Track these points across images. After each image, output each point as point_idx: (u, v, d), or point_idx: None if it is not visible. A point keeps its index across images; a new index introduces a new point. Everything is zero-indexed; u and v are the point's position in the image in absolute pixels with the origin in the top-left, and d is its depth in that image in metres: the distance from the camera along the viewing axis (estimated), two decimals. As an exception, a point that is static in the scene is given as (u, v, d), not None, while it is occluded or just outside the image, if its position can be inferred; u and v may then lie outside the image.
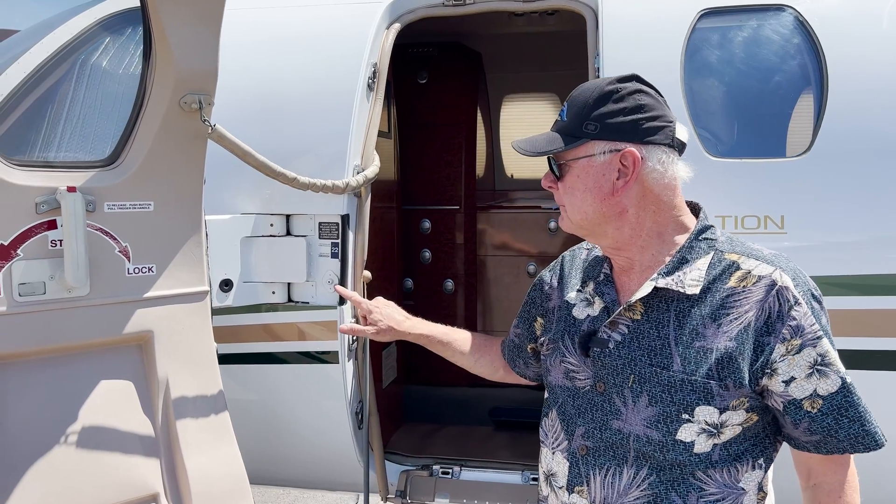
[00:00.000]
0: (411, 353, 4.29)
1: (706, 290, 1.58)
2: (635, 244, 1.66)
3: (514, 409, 3.82)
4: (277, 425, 3.02)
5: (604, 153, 1.60)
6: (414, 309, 4.28)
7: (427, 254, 4.40)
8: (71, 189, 2.00)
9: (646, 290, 1.60)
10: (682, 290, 1.58)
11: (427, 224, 4.39)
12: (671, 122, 1.61)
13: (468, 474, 3.08)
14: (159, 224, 2.20)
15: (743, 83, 2.70)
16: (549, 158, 1.67)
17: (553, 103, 4.97)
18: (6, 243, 1.95)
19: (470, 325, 4.42)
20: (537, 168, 5.12)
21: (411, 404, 4.04)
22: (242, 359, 2.92)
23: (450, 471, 3.08)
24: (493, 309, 4.48)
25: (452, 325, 4.36)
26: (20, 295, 1.98)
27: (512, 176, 5.16)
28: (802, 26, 2.62)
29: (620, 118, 1.59)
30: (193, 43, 2.06)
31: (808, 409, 1.53)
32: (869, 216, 2.51)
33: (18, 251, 1.97)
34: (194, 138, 2.19)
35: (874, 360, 2.49)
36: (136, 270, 2.18)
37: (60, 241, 2.03)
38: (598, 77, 2.69)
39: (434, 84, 4.33)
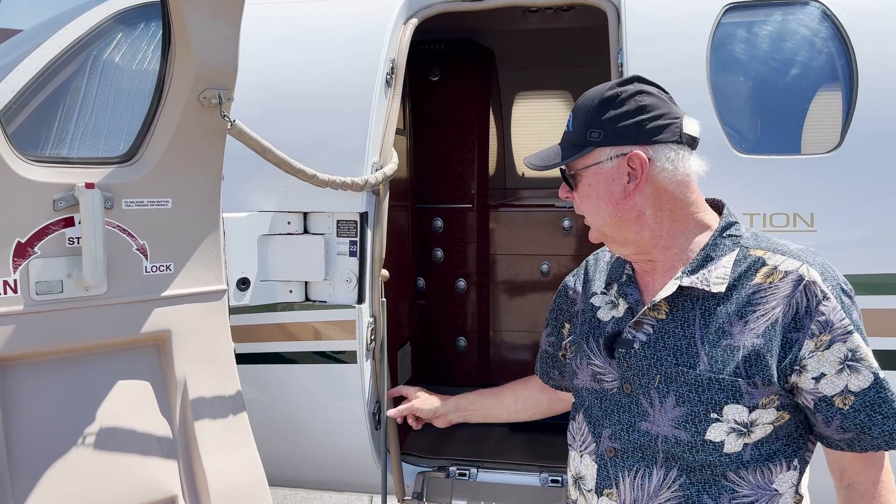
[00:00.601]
0: (424, 353, 4.26)
1: (732, 287, 1.56)
2: (657, 245, 1.64)
3: (530, 409, 3.77)
4: (292, 426, 2.98)
5: (611, 159, 1.60)
6: (426, 308, 4.28)
7: (439, 253, 4.37)
8: (89, 185, 1.96)
9: (670, 289, 1.58)
10: (707, 289, 1.56)
11: (439, 223, 4.36)
12: (677, 118, 1.61)
13: (485, 475, 3.04)
14: (177, 221, 2.17)
15: (770, 79, 2.66)
16: (561, 170, 1.68)
17: (565, 100, 4.93)
18: (23, 241, 1.92)
19: (482, 325, 4.39)
20: (550, 166, 5.07)
21: None
22: (257, 359, 2.88)
23: (466, 472, 3.04)
24: (506, 308, 4.44)
25: (464, 324, 4.35)
26: (37, 293, 1.94)
27: (523, 174, 5.11)
28: (830, 20, 2.59)
29: (623, 122, 1.59)
30: (214, 37, 2.03)
31: (840, 406, 1.51)
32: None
33: (35, 249, 1.93)
34: (213, 134, 2.16)
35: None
36: (154, 269, 2.15)
37: (78, 238, 1.99)
38: (622, 73, 2.67)
39: (446, 81, 4.29)
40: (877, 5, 2.63)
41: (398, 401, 2.51)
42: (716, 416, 1.52)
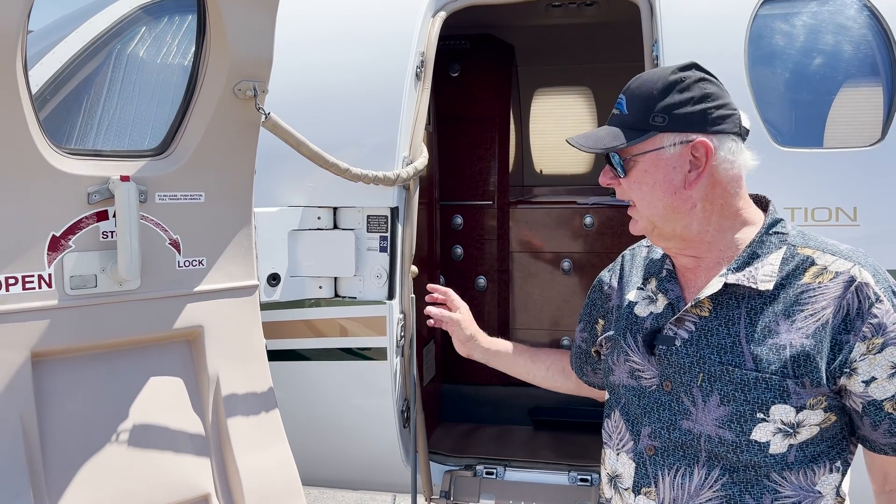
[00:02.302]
0: (446, 352, 4.22)
1: (779, 285, 1.52)
2: (703, 241, 1.60)
3: (555, 408, 3.74)
4: (318, 424, 2.95)
5: (674, 145, 1.54)
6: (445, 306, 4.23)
7: (459, 250, 4.33)
8: (124, 178, 1.93)
9: (715, 286, 1.54)
10: (754, 286, 1.51)
11: (459, 220, 4.32)
12: (736, 110, 1.57)
13: (513, 474, 3.01)
14: (210, 215, 2.14)
15: (810, 70, 2.62)
16: (608, 155, 1.60)
17: (585, 97, 4.89)
18: (58, 234, 1.88)
19: (502, 324, 4.35)
20: (568, 164, 5.04)
21: (447, 403, 3.97)
22: (285, 355, 2.85)
23: (494, 471, 3.01)
24: (526, 306, 4.40)
25: (483, 322, 4.31)
26: (72, 288, 1.91)
27: (541, 171, 5.08)
28: (869, 10, 2.55)
29: (688, 108, 1.53)
30: (249, 28, 2.00)
31: (889, 411, 1.46)
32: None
33: (70, 242, 1.90)
34: (247, 127, 2.13)
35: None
36: (187, 263, 2.12)
37: (112, 232, 1.96)
38: (656, 66, 2.63)
39: (466, 77, 4.26)
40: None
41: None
42: (762, 416, 1.48)
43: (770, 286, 1.51)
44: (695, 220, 1.57)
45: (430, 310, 2.17)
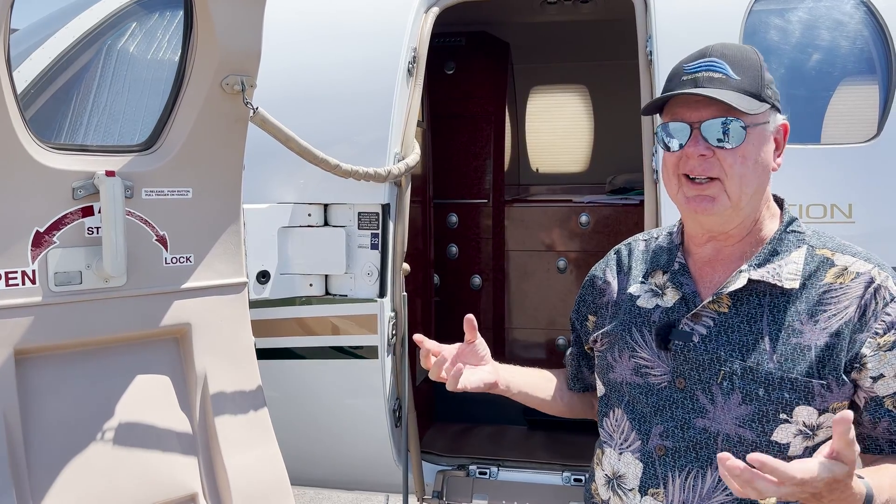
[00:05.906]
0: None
1: (802, 285, 1.51)
2: (737, 234, 1.58)
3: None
4: (309, 424, 2.93)
5: (771, 123, 1.53)
6: (440, 305, 4.22)
7: (454, 249, 4.31)
8: (110, 173, 1.90)
9: (740, 282, 1.51)
10: (779, 284, 1.49)
11: (454, 218, 4.30)
12: None
13: (506, 474, 2.99)
14: (198, 212, 2.11)
15: (805, 67, 2.60)
16: (724, 119, 1.47)
17: (581, 94, 4.87)
18: (42, 230, 1.86)
19: (497, 322, 4.32)
20: (564, 162, 5.02)
21: (440, 402, 3.94)
22: (275, 354, 2.82)
23: (487, 471, 2.98)
24: (522, 305, 4.37)
25: (479, 321, 4.25)
26: (56, 284, 1.88)
27: (537, 170, 5.06)
28: (865, 5, 2.53)
29: (775, 89, 1.55)
30: (237, 21, 1.98)
31: (889, 408, 1.46)
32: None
33: (54, 238, 1.88)
34: (235, 122, 2.10)
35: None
36: (174, 260, 2.09)
37: (97, 228, 1.93)
38: (651, 61, 2.61)
39: (461, 75, 4.23)
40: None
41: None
42: (785, 416, 1.47)
43: (796, 285, 1.50)
44: (757, 204, 1.55)
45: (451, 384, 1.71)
